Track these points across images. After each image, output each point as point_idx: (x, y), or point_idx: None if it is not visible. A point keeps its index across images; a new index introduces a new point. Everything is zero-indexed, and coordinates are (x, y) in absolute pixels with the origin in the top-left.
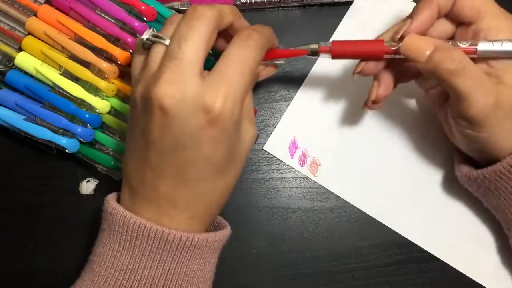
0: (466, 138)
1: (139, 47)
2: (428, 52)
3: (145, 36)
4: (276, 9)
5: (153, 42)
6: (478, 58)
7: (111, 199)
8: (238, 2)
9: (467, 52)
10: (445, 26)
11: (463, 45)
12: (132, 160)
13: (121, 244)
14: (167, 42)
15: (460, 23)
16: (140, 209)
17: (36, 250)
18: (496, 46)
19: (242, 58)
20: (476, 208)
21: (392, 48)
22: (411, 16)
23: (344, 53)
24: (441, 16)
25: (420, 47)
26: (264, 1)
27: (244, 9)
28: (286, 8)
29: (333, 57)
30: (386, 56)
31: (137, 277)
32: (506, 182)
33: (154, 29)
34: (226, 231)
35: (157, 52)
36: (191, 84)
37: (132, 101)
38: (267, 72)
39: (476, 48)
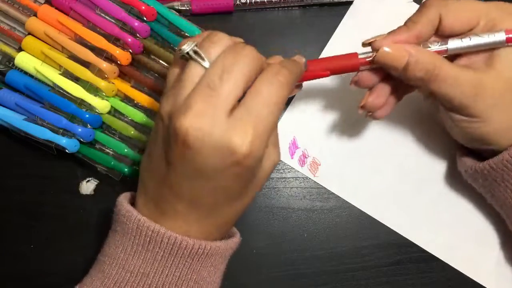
0: (464, 130)
1: (177, 57)
2: (404, 61)
3: (186, 48)
4: (276, 9)
5: (192, 58)
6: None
7: (124, 201)
8: (238, 2)
9: (438, 53)
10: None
11: (434, 46)
12: (151, 171)
13: (134, 248)
14: (206, 64)
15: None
16: (155, 217)
17: (36, 250)
18: (465, 42)
19: (272, 95)
20: (476, 207)
21: (367, 60)
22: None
23: (321, 70)
24: (426, 39)
25: (395, 57)
26: (264, 1)
27: (244, 9)
28: (286, 8)
29: (311, 77)
30: (362, 68)
31: (148, 281)
32: None
33: (197, 45)
34: (236, 239)
35: (194, 71)
36: (220, 121)
37: (159, 115)
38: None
39: (447, 48)
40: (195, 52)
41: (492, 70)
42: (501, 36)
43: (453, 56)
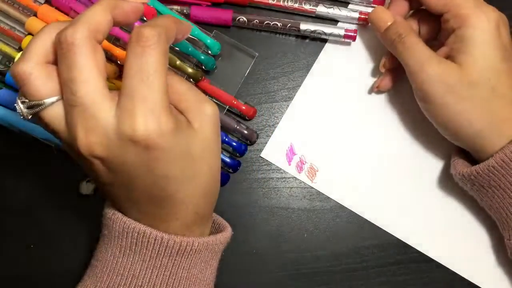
0: (434, 122)
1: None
2: (388, 24)
3: (22, 112)
4: (273, 33)
5: (35, 112)
6: (443, 41)
7: (110, 205)
8: (236, 20)
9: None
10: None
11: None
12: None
13: (122, 250)
14: (47, 102)
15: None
16: (137, 218)
17: (36, 250)
18: (330, 11)
19: (143, 68)
20: (472, 210)
21: (363, 17)
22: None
23: None
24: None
25: (382, 20)
26: (262, 24)
27: (241, 27)
28: (282, 34)
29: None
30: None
31: (138, 283)
32: (499, 178)
33: (21, 99)
34: (227, 233)
35: (50, 115)
36: (106, 121)
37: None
38: (183, 33)
39: (315, 10)
40: (31, 107)
41: (456, 61)
42: (355, 14)
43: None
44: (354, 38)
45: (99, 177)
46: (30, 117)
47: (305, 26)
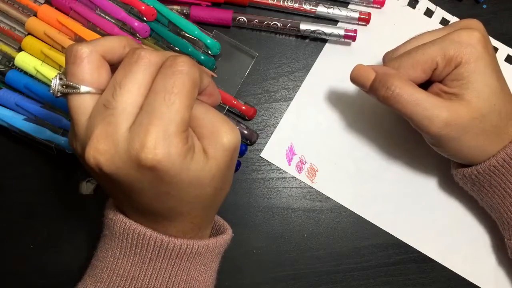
0: (445, 155)
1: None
2: (371, 78)
3: (55, 88)
4: (273, 33)
5: (67, 93)
6: (432, 79)
7: (112, 205)
8: (236, 20)
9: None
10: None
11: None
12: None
13: (122, 251)
14: (83, 89)
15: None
16: (137, 219)
17: (36, 250)
18: (330, 11)
19: (167, 88)
20: (472, 210)
21: (362, 17)
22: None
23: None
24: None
25: (363, 77)
26: (262, 25)
27: (241, 26)
28: (282, 34)
29: None
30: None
31: (138, 285)
32: (500, 178)
33: (61, 75)
34: (227, 235)
35: (80, 104)
36: (123, 135)
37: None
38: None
39: (316, 10)
40: (67, 86)
41: (463, 100)
42: (355, 14)
43: (425, 86)
44: (354, 38)
45: (99, 182)
46: (59, 94)
47: (305, 26)
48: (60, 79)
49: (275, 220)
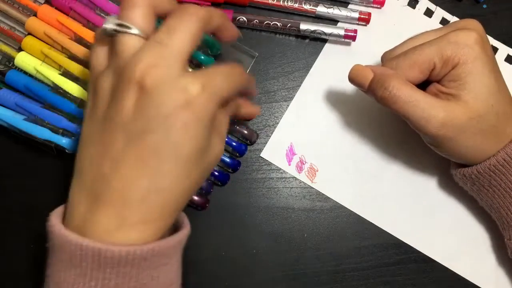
0: (444, 155)
1: (101, 36)
2: (369, 78)
3: (110, 25)
4: (273, 33)
5: (120, 32)
6: (430, 80)
7: (53, 214)
8: (237, 19)
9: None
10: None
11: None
12: (89, 153)
13: (63, 265)
14: (134, 31)
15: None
16: (87, 207)
17: (36, 250)
18: (330, 10)
19: (228, 73)
20: (472, 210)
21: (362, 17)
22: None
23: None
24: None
25: (361, 77)
26: (262, 24)
27: (242, 27)
28: (283, 34)
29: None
30: None
31: None
32: (500, 177)
33: (113, 17)
34: (181, 234)
35: (129, 41)
36: (174, 69)
37: (95, 88)
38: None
39: (316, 9)
40: (121, 25)
41: (460, 100)
42: (355, 14)
43: (423, 86)
44: (354, 38)
45: (116, 114)
46: (112, 29)
47: (305, 26)
48: (117, 19)
49: (275, 220)
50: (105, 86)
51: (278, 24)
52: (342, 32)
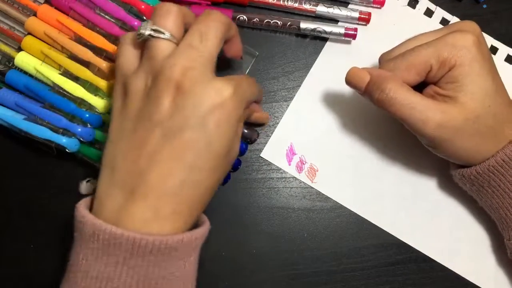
0: (442, 156)
1: (131, 40)
2: (366, 80)
3: (146, 31)
4: (273, 32)
5: (153, 37)
6: (427, 81)
7: (80, 206)
8: (237, 18)
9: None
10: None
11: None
12: (121, 149)
13: (94, 253)
14: (167, 36)
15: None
16: (120, 202)
17: (36, 250)
18: (330, 10)
19: (251, 81)
20: (472, 210)
21: (362, 16)
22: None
23: None
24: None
25: (358, 80)
26: (262, 23)
27: (242, 26)
28: (283, 33)
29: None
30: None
31: (114, 285)
32: (499, 178)
33: (148, 23)
34: (204, 228)
35: (163, 45)
36: (207, 71)
37: (126, 88)
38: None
39: (316, 9)
40: (156, 30)
41: (457, 102)
42: (355, 14)
43: (420, 87)
44: (354, 37)
45: (154, 112)
46: (148, 34)
47: (305, 25)
48: (152, 25)
49: (275, 220)
50: (139, 87)
51: (279, 22)
52: (342, 31)
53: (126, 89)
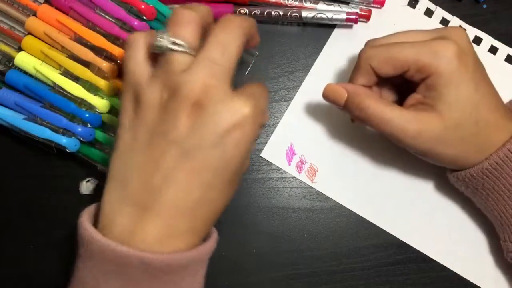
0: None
1: (144, 45)
2: (344, 97)
3: (164, 43)
4: (275, 23)
5: (172, 50)
6: (405, 78)
7: (85, 222)
8: (237, 12)
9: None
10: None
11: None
12: (135, 164)
13: (102, 272)
14: (186, 49)
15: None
16: (133, 218)
17: (36, 250)
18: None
19: (267, 95)
20: (472, 210)
21: (363, 14)
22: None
23: None
24: (373, 84)
25: (335, 97)
26: (264, 15)
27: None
28: (285, 24)
29: None
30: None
31: None
32: (493, 181)
33: (166, 34)
34: (213, 241)
35: (180, 58)
36: (226, 87)
37: (138, 97)
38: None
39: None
40: (175, 44)
41: (435, 111)
42: (356, 11)
43: (402, 98)
44: (356, 21)
45: (170, 130)
46: (167, 47)
47: (306, 13)
48: (171, 38)
49: (275, 220)
50: (154, 99)
51: (280, 12)
52: (343, 16)
53: (138, 98)
